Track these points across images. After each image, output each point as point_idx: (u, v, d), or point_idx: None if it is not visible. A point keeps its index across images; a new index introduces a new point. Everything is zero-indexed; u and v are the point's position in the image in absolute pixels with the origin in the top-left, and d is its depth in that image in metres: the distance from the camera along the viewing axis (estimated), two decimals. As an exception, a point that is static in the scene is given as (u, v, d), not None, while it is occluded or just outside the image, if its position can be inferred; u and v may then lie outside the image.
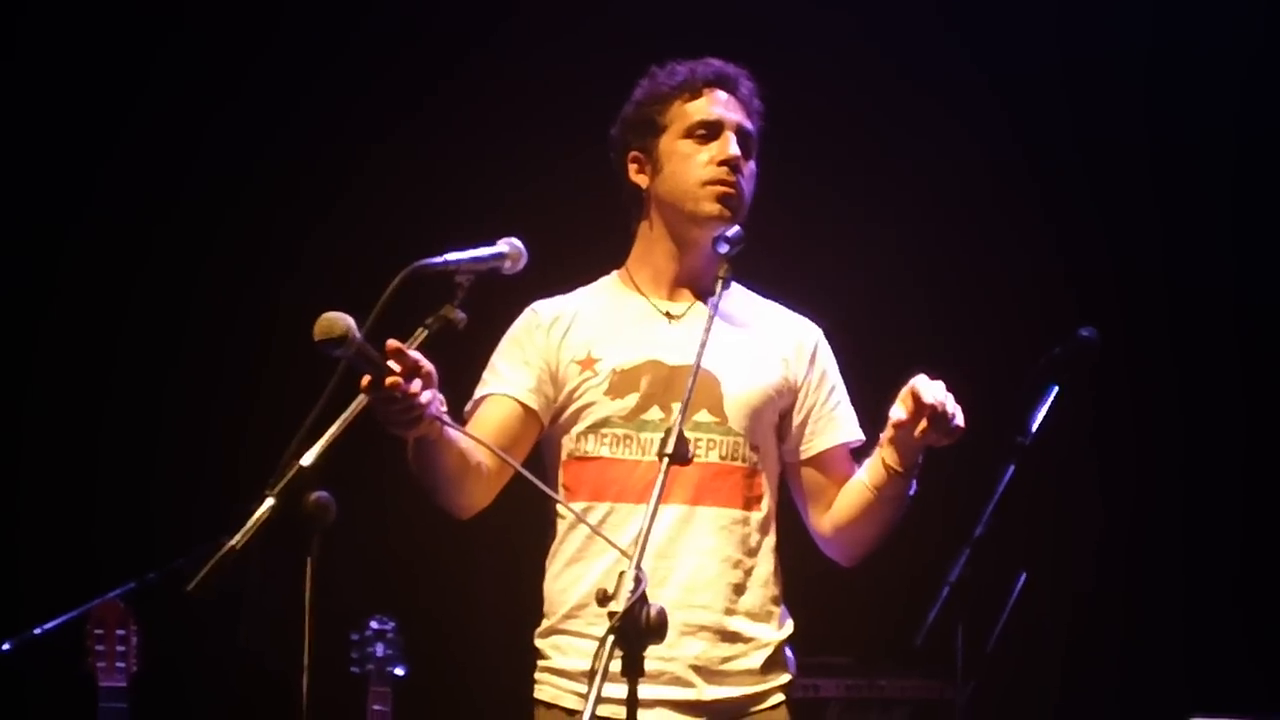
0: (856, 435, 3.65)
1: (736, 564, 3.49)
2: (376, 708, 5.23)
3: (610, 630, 2.69)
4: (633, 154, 3.63)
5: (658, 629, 2.71)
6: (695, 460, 3.29)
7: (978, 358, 6.18)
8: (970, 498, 4.55)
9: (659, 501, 2.89)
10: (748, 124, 3.61)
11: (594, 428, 3.50)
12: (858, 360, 3.70)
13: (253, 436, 4.16)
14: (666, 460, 2.93)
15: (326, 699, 2.87)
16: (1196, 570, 6.35)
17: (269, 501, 2.70)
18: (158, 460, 6.17)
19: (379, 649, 5.29)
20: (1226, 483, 6.32)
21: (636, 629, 2.68)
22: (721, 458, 3.49)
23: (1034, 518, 5.47)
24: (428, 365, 3.02)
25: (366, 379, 2.90)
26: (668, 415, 3.44)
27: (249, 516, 2.67)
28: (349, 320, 2.77)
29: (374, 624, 5.33)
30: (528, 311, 3.65)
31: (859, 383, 3.69)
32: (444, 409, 3.14)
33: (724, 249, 3.32)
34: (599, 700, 2.66)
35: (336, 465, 2.77)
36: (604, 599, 2.72)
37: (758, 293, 3.69)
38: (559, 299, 3.67)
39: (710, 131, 3.56)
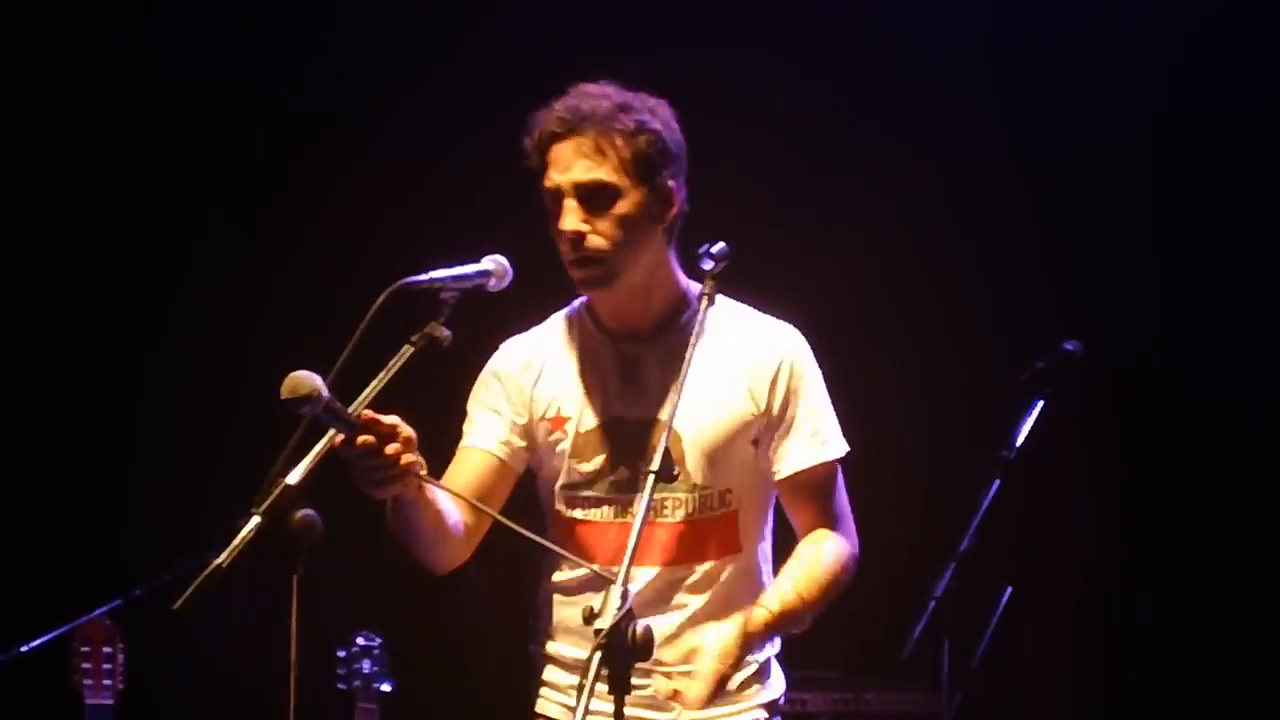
0: (812, 460, 3.49)
1: (715, 616, 3.40)
2: (363, 724, 5.23)
3: (596, 647, 2.69)
4: None
5: (643, 646, 2.71)
6: (662, 522, 3.36)
7: (961, 372, 6.20)
8: (956, 512, 4.57)
9: (644, 522, 2.88)
10: (593, 172, 3.35)
11: (568, 491, 3.47)
12: (839, 376, 3.67)
13: (238, 454, 4.16)
14: (653, 477, 2.93)
15: (313, 715, 2.87)
16: (1184, 583, 6.35)
17: (255, 519, 2.70)
18: (143, 478, 6.16)
19: (365, 665, 5.28)
20: (1215, 496, 6.33)
21: (623, 646, 2.69)
22: (689, 515, 3.42)
23: (1019, 532, 5.48)
24: (407, 430, 2.99)
25: (340, 438, 2.89)
26: (635, 474, 3.39)
27: (235, 534, 2.67)
28: (316, 379, 2.74)
29: (360, 640, 5.32)
30: (499, 355, 3.58)
31: (839, 400, 3.66)
32: (423, 470, 3.10)
33: (708, 265, 3.23)
34: (586, 715, 2.66)
35: (322, 482, 2.78)
36: (590, 617, 2.72)
37: (731, 297, 3.54)
38: (529, 340, 3.57)
39: (556, 202, 3.39)
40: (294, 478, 2.73)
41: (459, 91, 6.23)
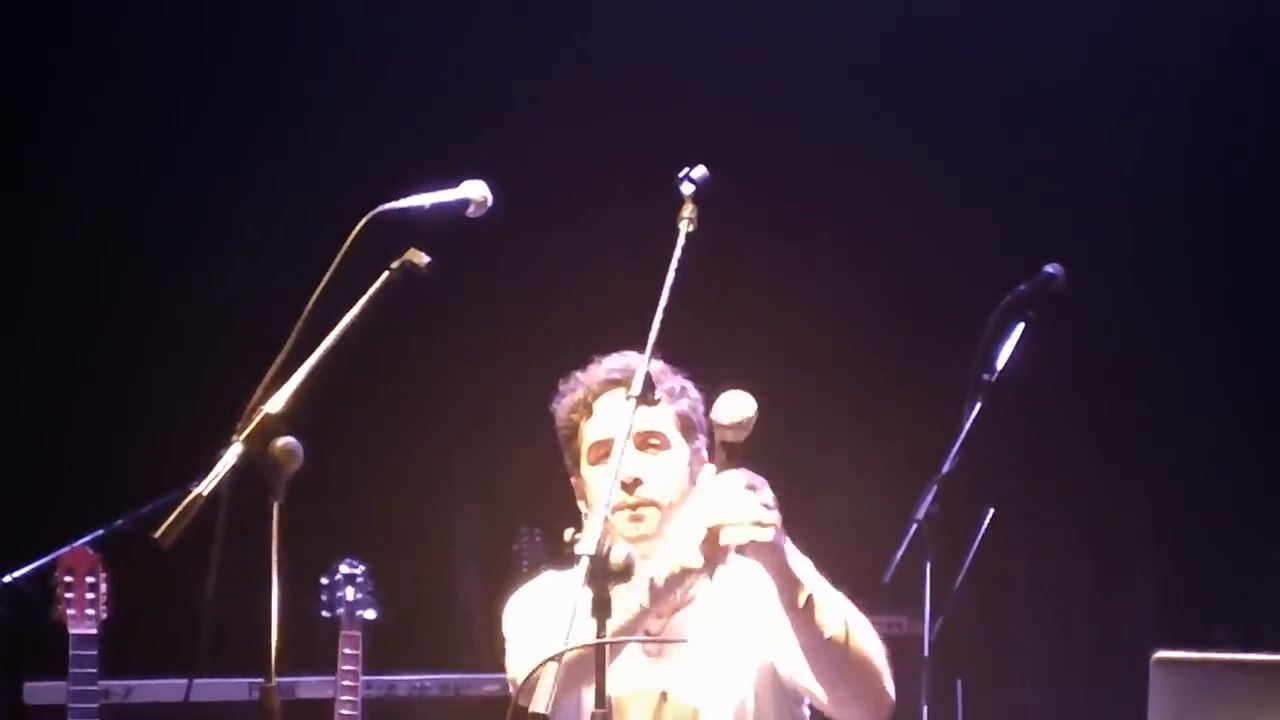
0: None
1: None
2: (347, 651, 5.23)
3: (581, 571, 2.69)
4: (572, 481, 3.48)
5: (625, 569, 2.71)
6: None
7: (944, 295, 6.21)
8: (937, 435, 4.58)
9: (628, 438, 2.88)
10: (650, 419, 3.31)
11: None
12: (822, 298, 3.67)
13: (220, 382, 4.15)
14: (634, 400, 2.92)
15: (297, 643, 2.87)
16: (1163, 504, 6.38)
17: (236, 448, 2.70)
18: (126, 405, 6.16)
19: (349, 592, 5.29)
20: (1194, 415, 6.35)
21: (605, 569, 2.69)
22: None
23: (1001, 454, 5.49)
24: None
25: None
26: None
27: (216, 463, 2.67)
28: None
29: (344, 567, 5.32)
30: (523, 603, 3.47)
31: (825, 321, 3.66)
32: None
33: (688, 189, 3.09)
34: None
35: (304, 410, 2.77)
36: (571, 541, 2.73)
37: None
38: (544, 595, 3.45)
39: (609, 450, 3.29)
40: (275, 406, 2.73)
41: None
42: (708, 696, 3.37)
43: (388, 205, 3.02)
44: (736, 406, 2.99)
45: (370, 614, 5.30)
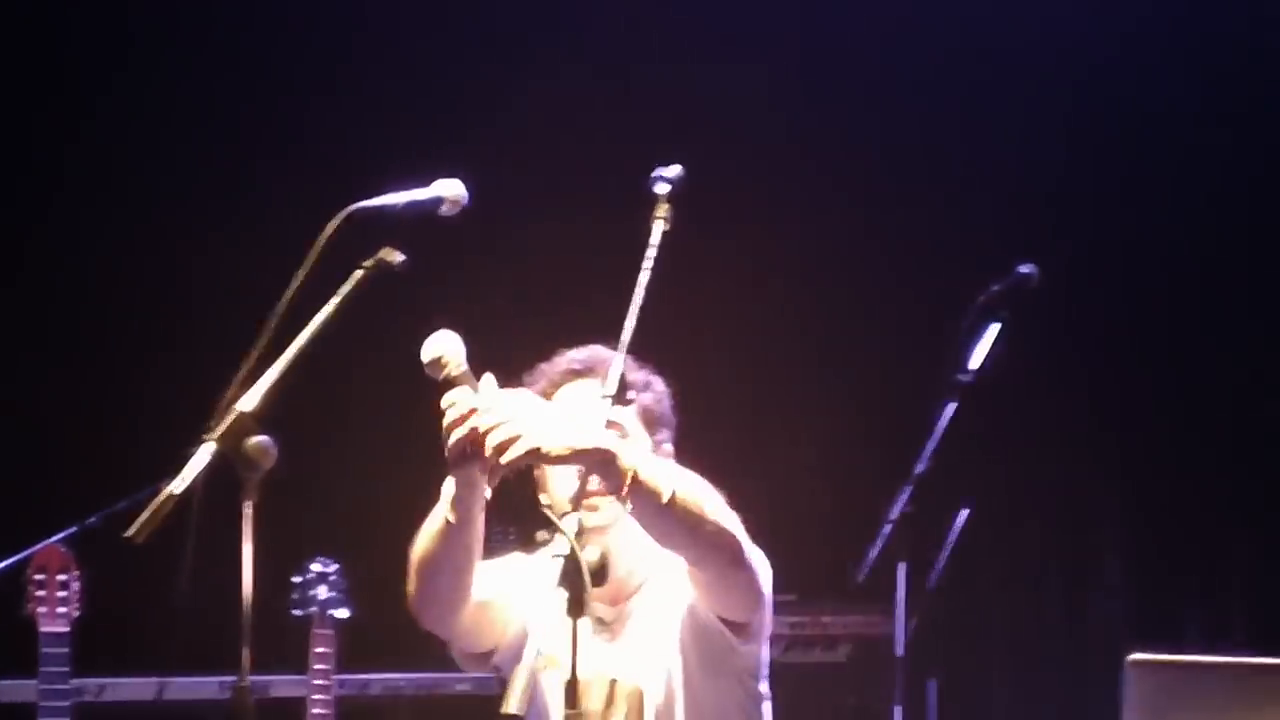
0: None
1: None
2: (319, 649, 5.21)
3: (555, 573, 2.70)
4: (534, 473, 3.47)
5: (599, 571, 2.72)
6: None
7: (918, 295, 6.21)
8: (912, 434, 4.58)
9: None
10: (615, 411, 3.19)
11: None
12: (799, 297, 3.67)
13: (193, 379, 4.14)
14: (610, 400, 2.92)
15: (270, 642, 2.86)
16: (1138, 506, 6.39)
17: (209, 446, 2.69)
18: (98, 403, 6.14)
19: (322, 591, 5.27)
20: (1168, 416, 6.36)
21: (578, 570, 2.70)
22: None
23: (976, 454, 5.50)
24: None
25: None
26: None
27: (189, 461, 2.66)
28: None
29: (316, 566, 5.31)
30: (513, 562, 3.54)
31: (799, 318, 3.66)
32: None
33: (662, 189, 3.14)
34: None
35: (277, 408, 2.77)
36: (543, 544, 2.73)
37: None
38: (533, 566, 3.42)
39: None
40: (248, 404, 2.72)
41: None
42: (649, 675, 3.40)
43: (362, 203, 3.01)
44: (430, 346, 3.15)
45: (343, 612, 5.28)
